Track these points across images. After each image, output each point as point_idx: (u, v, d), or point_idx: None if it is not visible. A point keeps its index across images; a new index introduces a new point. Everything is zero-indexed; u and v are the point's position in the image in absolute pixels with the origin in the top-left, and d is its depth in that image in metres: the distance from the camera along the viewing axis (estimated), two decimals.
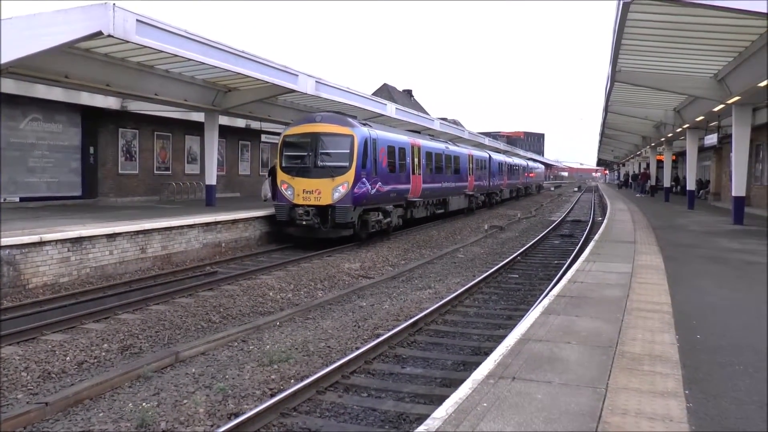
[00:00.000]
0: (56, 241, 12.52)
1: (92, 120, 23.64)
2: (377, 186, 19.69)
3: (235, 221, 18.18)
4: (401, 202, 22.43)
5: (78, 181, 23.46)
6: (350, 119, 19.51)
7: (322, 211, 18.29)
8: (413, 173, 23.34)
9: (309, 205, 18.23)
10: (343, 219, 18.14)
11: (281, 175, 19.03)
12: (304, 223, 18.16)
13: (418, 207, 24.37)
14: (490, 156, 39.65)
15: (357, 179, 18.37)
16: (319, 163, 18.60)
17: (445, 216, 29.13)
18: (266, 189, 26.22)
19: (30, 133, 21.24)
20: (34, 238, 12.04)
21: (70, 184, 23.08)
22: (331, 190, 18.18)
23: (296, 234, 18.68)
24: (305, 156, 18.82)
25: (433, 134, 33.28)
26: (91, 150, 23.88)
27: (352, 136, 18.56)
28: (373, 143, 19.52)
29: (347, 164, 18.35)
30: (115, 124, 25.05)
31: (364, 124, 20.02)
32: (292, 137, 19.41)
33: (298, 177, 18.60)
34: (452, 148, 30.51)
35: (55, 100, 20.97)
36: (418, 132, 28.78)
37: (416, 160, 23.74)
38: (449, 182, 28.80)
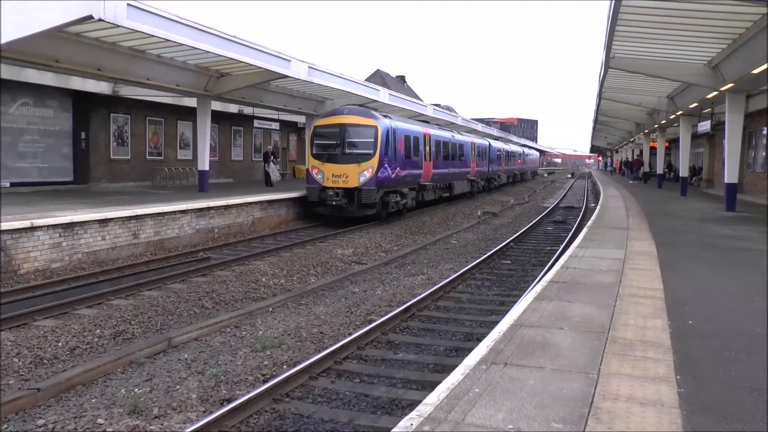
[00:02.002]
0: (48, 227, 12.46)
1: (84, 105, 23.46)
2: (396, 171, 21.85)
3: (228, 207, 18.14)
4: (415, 185, 24.53)
5: (69, 166, 23.31)
6: (373, 112, 21.65)
7: (349, 192, 20.34)
8: (425, 160, 25.39)
9: (338, 188, 20.32)
10: (368, 200, 20.25)
11: (312, 161, 21.15)
12: (333, 203, 20.27)
13: (428, 190, 26.55)
14: (489, 144, 41.83)
15: (380, 165, 20.46)
16: (347, 151, 20.68)
17: (450, 199, 31.16)
18: (276, 173, 26.62)
19: (20, 117, 21.06)
20: (25, 224, 11.97)
21: (61, 169, 22.93)
22: (357, 175, 20.26)
23: (326, 213, 20.86)
24: (334, 144, 20.80)
25: (426, 120, 33.25)
26: (83, 135, 23.71)
27: (376, 127, 20.66)
28: (393, 133, 21.51)
29: (372, 152, 20.44)
30: (107, 109, 24.87)
31: (385, 116, 21.99)
32: (322, 128, 21.41)
33: (328, 163, 20.61)
34: (457, 137, 32.57)
35: (45, 84, 20.78)
36: (427, 122, 30.38)
37: (427, 148, 25.82)
38: (455, 168, 31.03)
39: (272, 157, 26.98)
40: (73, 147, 23.35)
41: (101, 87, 22.70)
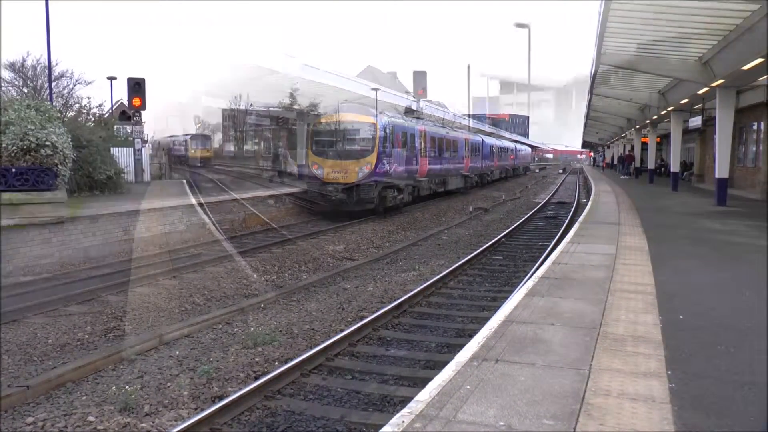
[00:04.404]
0: (37, 223, 12.36)
1: None
2: (394, 167, 22.44)
3: (218, 203, 18.07)
4: (411, 181, 25.14)
5: None
6: (372, 109, 22.47)
7: (349, 188, 20.81)
8: (421, 156, 25.99)
9: (337, 183, 20.85)
10: (366, 195, 20.84)
11: (312, 157, 21.67)
12: (333, 198, 20.75)
13: (423, 186, 27.24)
14: (482, 140, 42.69)
15: (378, 161, 21.05)
16: (346, 147, 21.39)
17: (445, 194, 31.62)
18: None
19: None
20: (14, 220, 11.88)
21: None
22: (356, 170, 20.86)
23: (326, 208, 21.34)
24: (334, 141, 21.55)
25: (421, 117, 33.31)
26: None
27: (374, 124, 21.30)
28: (391, 130, 22.08)
29: (370, 148, 21.08)
30: None
31: (383, 113, 22.73)
32: (322, 125, 22.18)
33: (328, 159, 21.21)
34: (452, 133, 33.40)
35: None
36: (422, 119, 31.20)
37: (423, 144, 26.39)
38: (449, 164, 31.64)
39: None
40: None
41: None
